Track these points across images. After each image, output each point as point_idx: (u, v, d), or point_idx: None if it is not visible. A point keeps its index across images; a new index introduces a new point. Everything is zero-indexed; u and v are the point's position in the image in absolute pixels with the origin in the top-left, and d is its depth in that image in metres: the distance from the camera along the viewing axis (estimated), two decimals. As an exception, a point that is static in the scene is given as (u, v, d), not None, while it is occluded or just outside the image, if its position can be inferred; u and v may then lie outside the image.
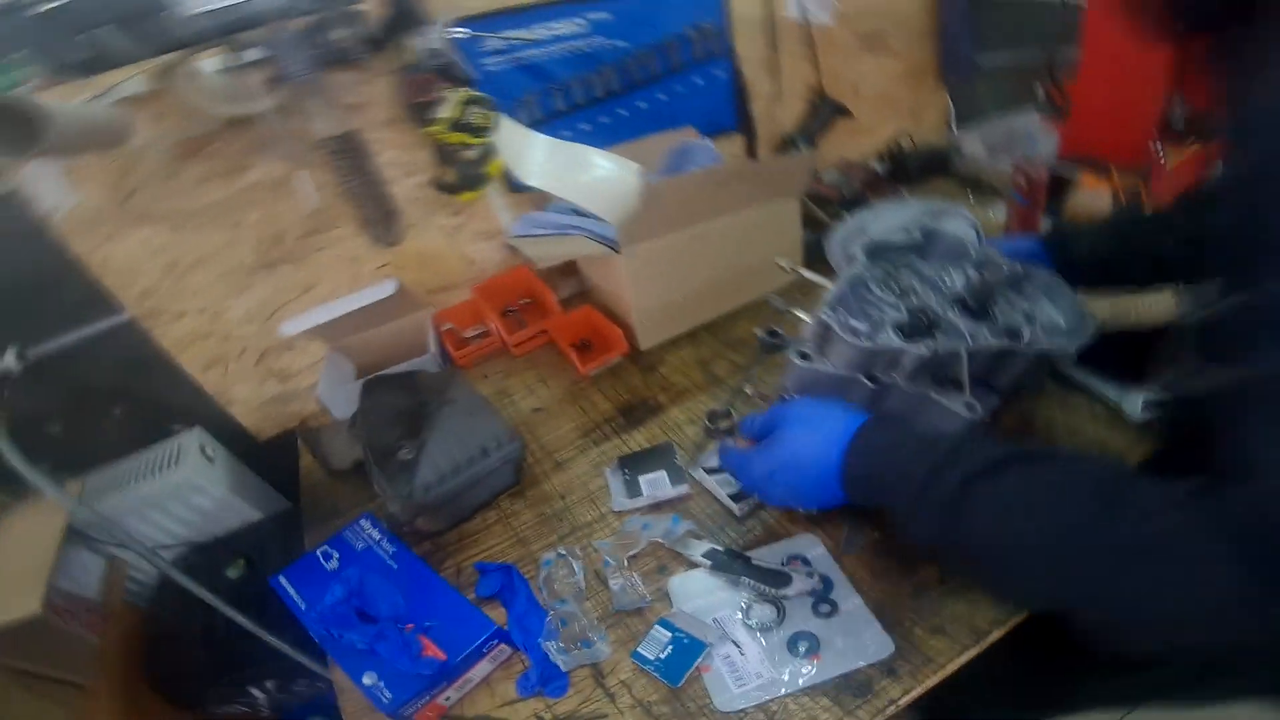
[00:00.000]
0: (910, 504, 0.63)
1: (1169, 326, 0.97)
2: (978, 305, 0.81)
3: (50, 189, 0.99)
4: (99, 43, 0.89)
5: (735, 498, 0.96)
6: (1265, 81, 0.49)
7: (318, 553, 0.98)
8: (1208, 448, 0.50)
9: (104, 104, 0.92)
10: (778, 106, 1.74)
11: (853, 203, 1.63)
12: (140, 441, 1.41)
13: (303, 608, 0.90)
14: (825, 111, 1.75)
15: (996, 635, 0.74)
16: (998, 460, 0.58)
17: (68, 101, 0.80)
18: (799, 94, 1.77)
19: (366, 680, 0.80)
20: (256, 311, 1.30)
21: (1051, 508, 0.55)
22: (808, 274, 0.99)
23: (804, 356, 0.79)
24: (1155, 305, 1.03)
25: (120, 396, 1.40)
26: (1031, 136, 1.84)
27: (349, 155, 1.08)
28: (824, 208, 1.58)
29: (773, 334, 0.90)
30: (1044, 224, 1.43)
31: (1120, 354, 0.82)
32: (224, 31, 0.93)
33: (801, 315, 0.85)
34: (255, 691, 1.28)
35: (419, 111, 0.90)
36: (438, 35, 0.91)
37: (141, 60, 0.96)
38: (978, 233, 0.92)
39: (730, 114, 1.66)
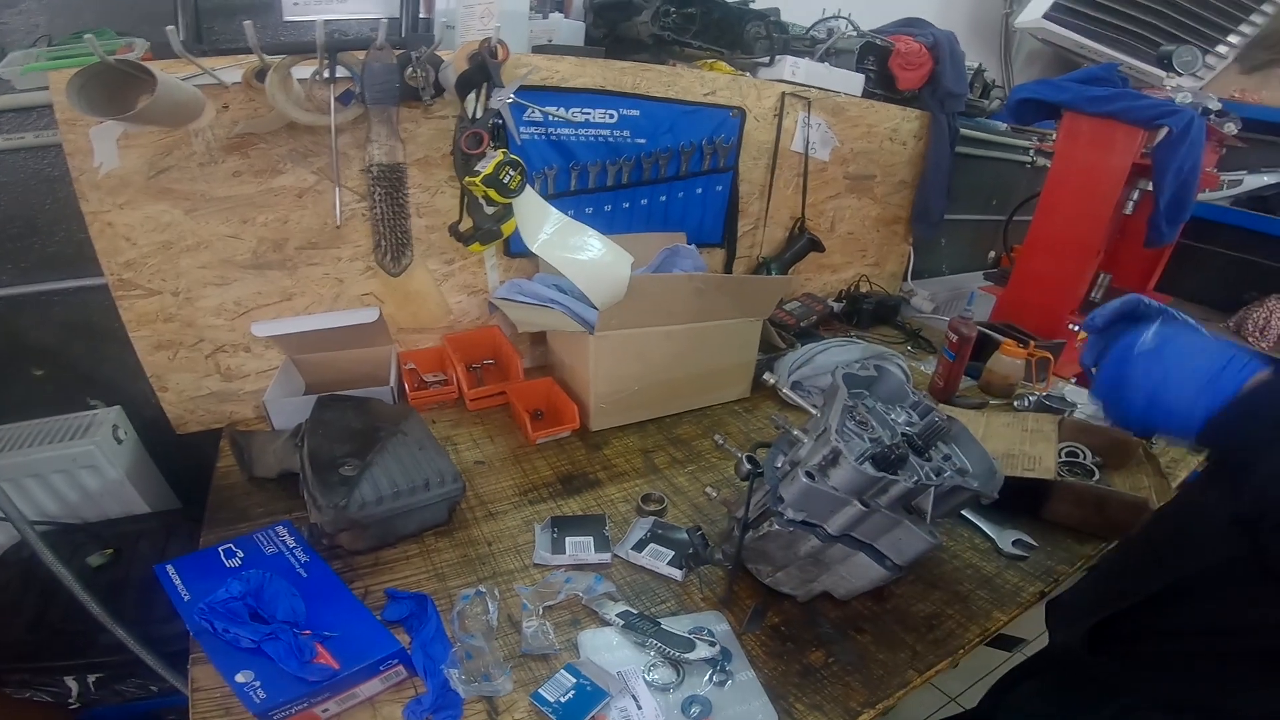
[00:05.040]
0: None
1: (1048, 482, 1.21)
2: (923, 445, 0.98)
3: (105, 148, 1.11)
4: (216, 29, 1.03)
5: (673, 564, 1.09)
6: None
7: (219, 549, 1.01)
8: None
9: (191, 84, 1.07)
10: (761, 229, 2.02)
11: (805, 334, 1.86)
12: (53, 408, 1.45)
13: (186, 598, 0.92)
14: (802, 243, 2.03)
15: (866, 718, 0.88)
16: None
17: (166, 74, 0.93)
18: (782, 221, 2.06)
19: (240, 678, 0.81)
20: (229, 308, 1.40)
21: None
22: (795, 397, 1.14)
23: (810, 477, 0.89)
24: (1040, 464, 1.26)
25: (50, 358, 1.45)
26: (972, 297, 2.12)
27: (389, 184, 1.24)
28: (780, 332, 1.81)
29: (752, 460, 1.02)
30: (961, 382, 1.68)
31: (1005, 497, 1.01)
32: (325, 46, 1.09)
33: (801, 436, 0.99)
34: (69, 682, 1.27)
35: (465, 161, 1.07)
36: (503, 97, 1.10)
37: (247, 53, 1.10)
38: (908, 379, 1.13)
39: (719, 228, 1.92)
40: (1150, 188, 1.92)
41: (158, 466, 1.59)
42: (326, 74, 1.15)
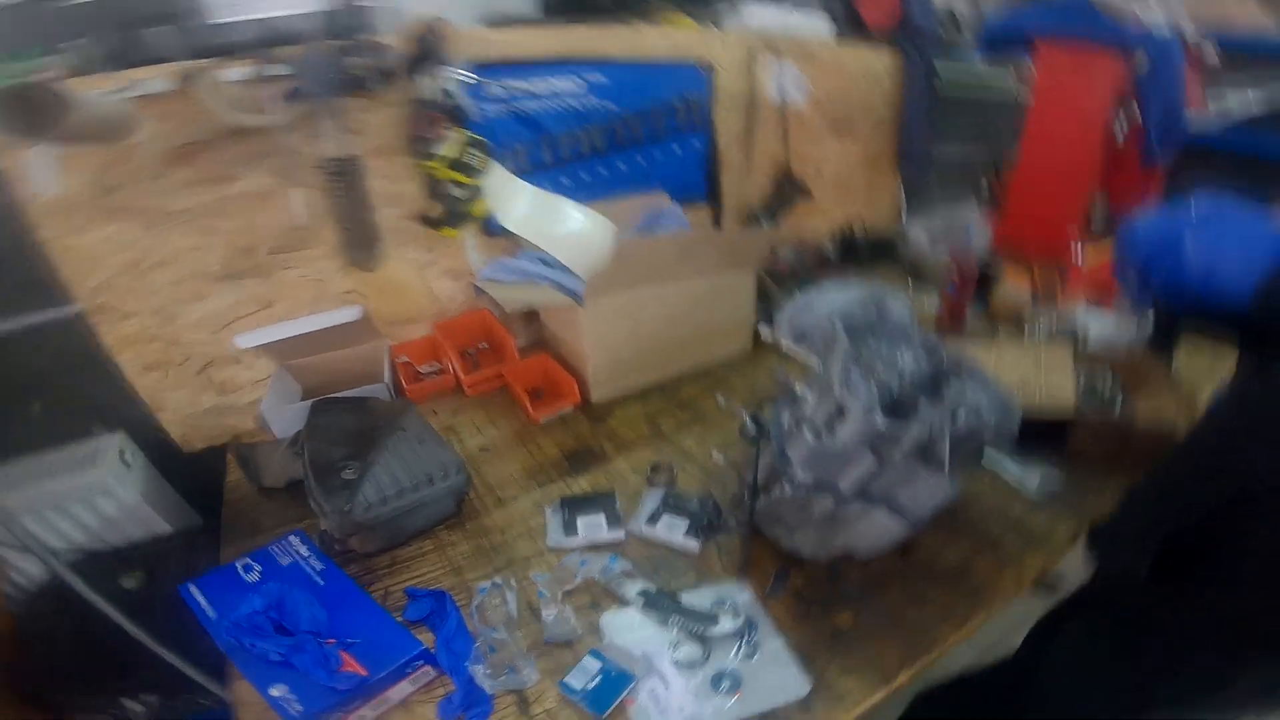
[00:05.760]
0: None
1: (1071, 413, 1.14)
2: (933, 386, 0.91)
3: (42, 173, 1.03)
4: (138, 39, 0.95)
5: (688, 535, 1.04)
6: None
7: (237, 565, 0.99)
8: None
9: (117, 98, 0.98)
10: (746, 181, 1.92)
11: (803, 280, 1.78)
12: (57, 440, 1.40)
13: (212, 617, 0.90)
14: (788, 190, 1.94)
15: (904, 678, 0.83)
16: None
17: (86, 92, 0.85)
18: (766, 171, 1.96)
19: (274, 692, 0.80)
20: (211, 321, 1.33)
21: None
22: (790, 346, 1.06)
23: (817, 434, 0.83)
24: (1057, 394, 1.19)
25: (44, 392, 1.39)
26: (969, 229, 2.06)
27: (346, 178, 1.16)
28: (776, 282, 1.73)
29: (757, 420, 0.95)
30: (969, 313, 1.60)
31: (1026, 434, 0.93)
32: (257, 44, 1.01)
33: (805, 392, 0.92)
34: (130, 703, 1.26)
35: (421, 145, 0.99)
36: (453, 77, 1.01)
37: (175, 60, 1.03)
38: (912, 317, 1.05)
39: (701, 184, 1.83)
40: (1137, 113, 1.83)
41: (174, 485, 1.55)
42: (264, 73, 1.05)
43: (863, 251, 2.07)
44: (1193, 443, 0.86)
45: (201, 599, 0.93)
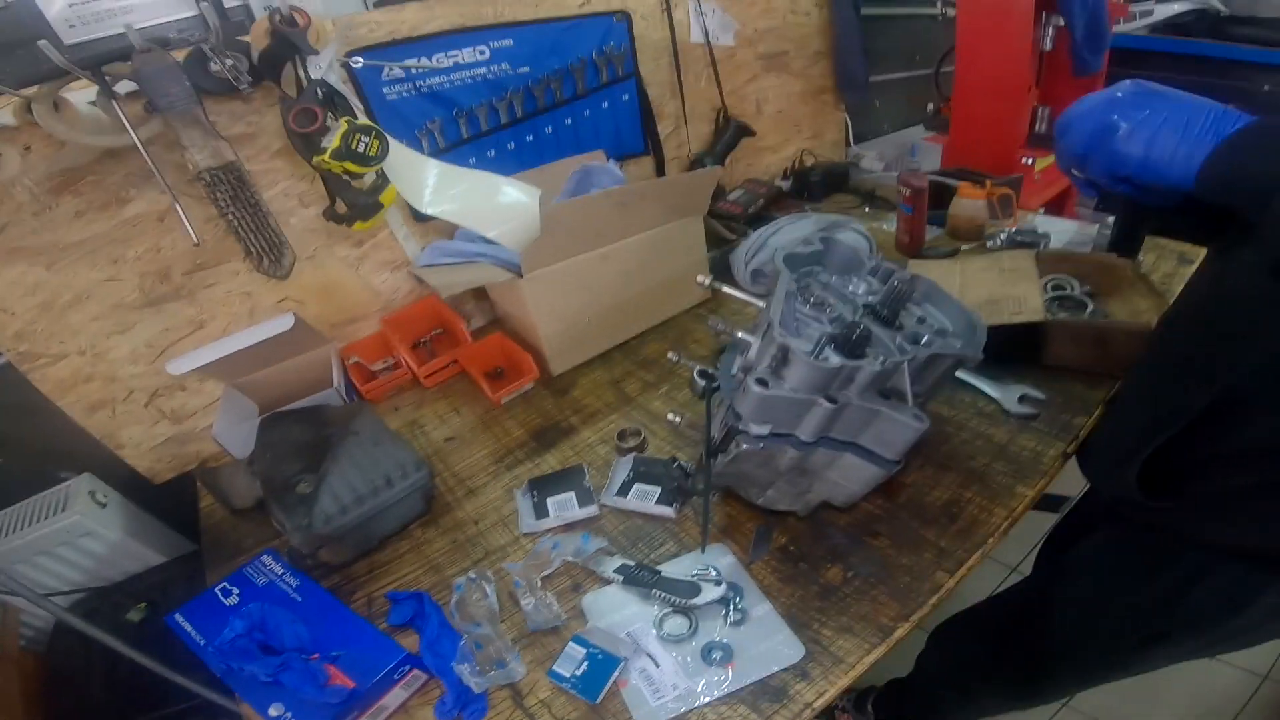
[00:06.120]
0: None
1: (1040, 324, 1.07)
2: (889, 314, 0.84)
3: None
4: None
5: (662, 502, 0.99)
6: None
7: (216, 590, 0.96)
8: None
9: None
10: (684, 128, 1.83)
11: (756, 219, 1.70)
12: (24, 491, 1.34)
13: (201, 643, 0.88)
14: (730, 131, 1.85)
15: (902, 632, 0.79)
16: None
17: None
18: (704, 115, 1.87)
19: (273, 712, 0.78)
20: (143, 351, 1.25)
21: None
22: (728, 290, 0.96)
23: (762, 383, 0.74)
24: (1026, 304, 1.12)
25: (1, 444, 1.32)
26: (918, 150, 1.99)
27: (228, 186, 1.05)
28: (729, 225, 1.65)
29: (706, 375, 0.88)
30: (928, 233, 1.54)
31: (1000, 349, 0.87)
32: (94, 63, 0.90)
33: (746, 337, 0.84)
34: None
35: (305, 142, 0.90)
36: (321, 65, 0.91)
37: (2, 94, 0.92)
38: (869, 243, 0.97)
39: (638, 137, 1.73)
40: (1061, 21, 1.82)
41: (156, 516, 1.50)
42: (112, 90, 0.94)
43: (816, 182, 1.98)
44: (1165, 344, 0.80)
45: (188, 627, 0.91)
